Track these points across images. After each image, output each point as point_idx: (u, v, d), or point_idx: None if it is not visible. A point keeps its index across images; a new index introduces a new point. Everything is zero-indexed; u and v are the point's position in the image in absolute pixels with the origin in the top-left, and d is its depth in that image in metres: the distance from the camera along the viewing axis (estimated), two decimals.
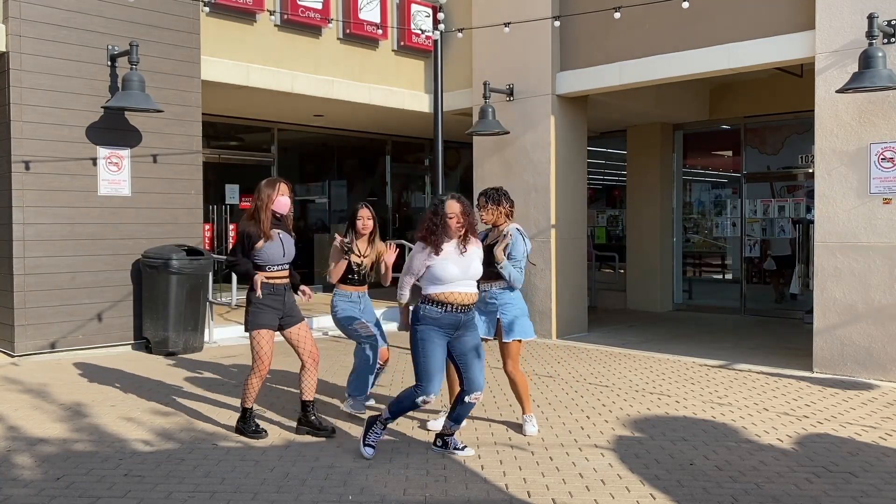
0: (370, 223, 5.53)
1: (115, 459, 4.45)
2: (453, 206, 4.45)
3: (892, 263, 6.64)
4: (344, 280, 5.54)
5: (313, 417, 4.99)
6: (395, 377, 6.90)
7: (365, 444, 4.51)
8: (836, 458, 4.56)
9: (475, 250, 4.57)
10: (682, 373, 7.10)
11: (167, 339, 7.82)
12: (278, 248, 4.88)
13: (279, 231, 4.92)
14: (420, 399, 4.38)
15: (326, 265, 5.66)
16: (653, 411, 5.64)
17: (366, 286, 5.63)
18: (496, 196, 5.12)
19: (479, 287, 4.80)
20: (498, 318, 5.04)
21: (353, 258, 5.48)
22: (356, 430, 5.09)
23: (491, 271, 4.91)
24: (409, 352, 5.51)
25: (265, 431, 4.94)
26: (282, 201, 4.91)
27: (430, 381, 4.36)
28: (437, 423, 5.11)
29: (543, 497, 3.91)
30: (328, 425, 5.01)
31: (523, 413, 5.14)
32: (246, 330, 4.90)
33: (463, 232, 4.48)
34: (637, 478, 4.20)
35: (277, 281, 4.90)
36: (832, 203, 6.97)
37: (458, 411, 4.58)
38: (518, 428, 5.18)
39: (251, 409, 4.99)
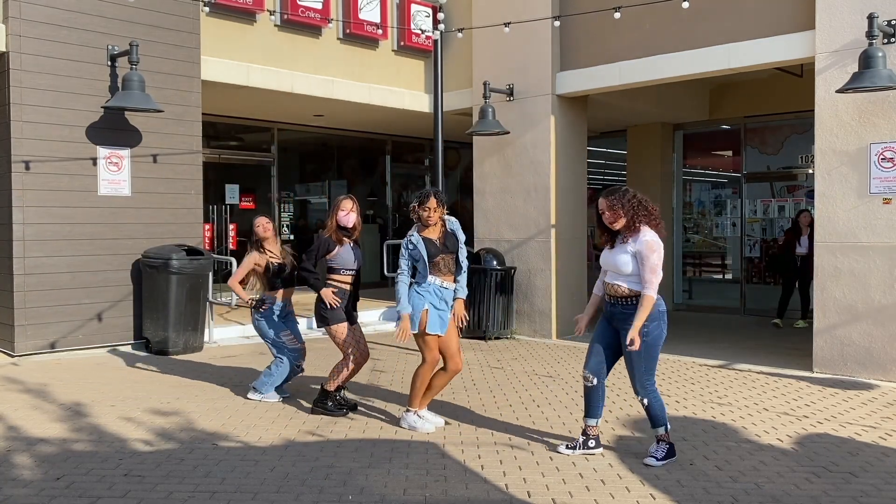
0: (270, 226, 5.95)
1: (114, 459, 4.45)
2: (601, 203, 4.51)
3: (892, 263, 6.64)
4: (272, 286, 5.91)
5: (331, 403, 5.54)
6: (395, 377, 6.90)
7: (570, 447, 4.65)
8: (836, 458, 4.56)
9: (620, 248, 4.50)
10: (682, 373, 7.10)
11: (167, 339, 7.81)
12: (349, 254, 5.49)
13: (349, 242, 5.53)
14: (582, 376, 4.66)
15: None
16: None
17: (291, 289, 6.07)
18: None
19: (437, 282, 4.97)
20: (452, 315, 5.11)
21: (281, 260, 5.93)
22: (356, 431, 5.10)
23: (448, 264, 5.05)
24: (410, 352, 5.51)
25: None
26: (341, 217, 5.44)
27: (586, 360, 4.67)
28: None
29: (543, 497, 3.91)
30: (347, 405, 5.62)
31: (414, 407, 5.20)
32: (319, 326, 5.58)
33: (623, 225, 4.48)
34: (637, 478, 4.20)
35: (346, 286, 5.54)
36: (832, 203, 6.97)
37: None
38: (517, 429, 5.18)
39: (332, 392, 5.57)
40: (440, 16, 8.20)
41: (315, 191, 14.23)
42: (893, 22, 6.52)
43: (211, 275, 8.29)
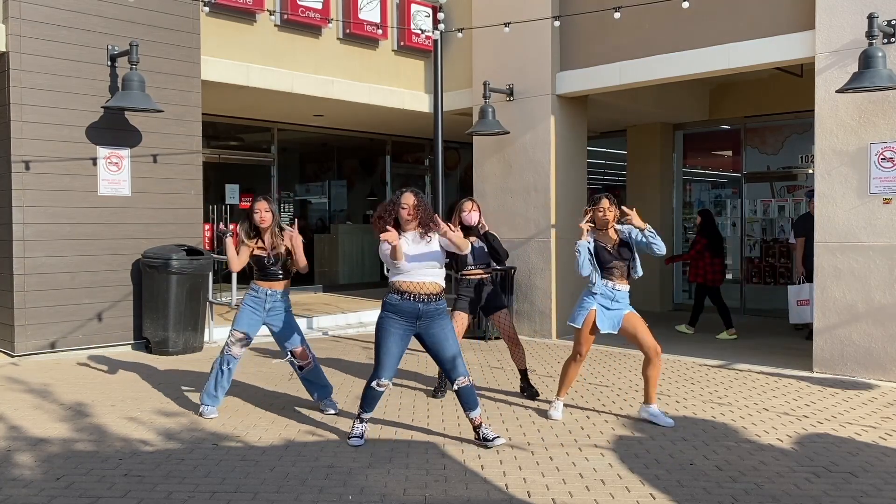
0: (268, 216, 5.52)
1: (115, 459, 4.45)
2: (408, 199, 4.74)
3: (892, 263, 6.64)
4: (258, 276, 5.53)
5: (523, 384, 6.15)
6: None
7: (350, 436, 4.83)
8: (836, 458, 4.56)
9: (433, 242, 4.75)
10: (682, 373, 7.10)
11: (167, 339, 7.82)
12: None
13: (472, 238, 5.93)
14: (374, 383, 4.72)
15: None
16: None
17: (279, 283, 5.50)
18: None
19: (609, 285, 5.21)
20: (627, 313, 5.26)
21: (258, 251, 5.47)
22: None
23: (622, 269, 5.24)
24: (410, 352, 5.50)
25: None
26: (465, 217, 6.03)
27: (380, 367, 4.71)
28: (556, 413, 5.45)
29: (543, 497, 3.91)
30: (535, 392, 6.11)
31: (650, 403, 5.37)
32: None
33: (416, 224, 4.74)
34: (637, 478, 4.20)
35: (472, 276, 6.09)
36: (832, 203, 6.96)
37: (459, 400, 4.82)
38: (517, 429, 5.19)
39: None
40: (440, 16, 8.19)
41: (315, 191, 14.24)
42: (893, 22, 6.52)
43: (211, 275, 8.29)
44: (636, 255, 5.30)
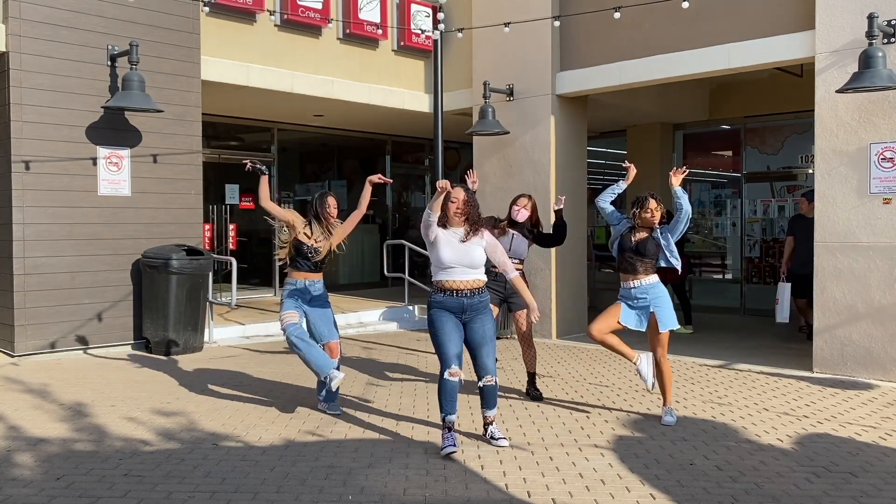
0: (336, 212, 5.63)
1: (115, 459, 4.45)
2: (458, 193, 4.73)
3: (892, 263, 6.64)
4: (293, 265, 5.53)
5: (529, 387, 6.12)
6: (395, 376, 6.89)
7: (443, 448, 4.55)
8: (836, 458, 4.56)
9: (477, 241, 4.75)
10: (682, 373, 7.10)
11: (167, 339, 7.81)
12: (505, 243, 5.84)
13: (514, 232, 6.09)
14: (445, 374, 4.57)
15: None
16: (653, 411, 5.64)
17: (315, 274, 5.54)
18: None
19: (630, 281, 5.21)
20: (652, 312, 5.22)
21: (305, 240, 5.48)
22: (356, 431, 5.10)
23: (645, 266, 5.21)
24: (410, 351, 5.50)
25: None
26: (514, 211, 6.16)
27: (446, 356, 4.60)
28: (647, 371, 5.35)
29: (543, 497, 3.91)
30: (539, 395, 6.06)
31: (664, 404, 5.37)
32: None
33: (464, 220, 4.73)
34: (637, 478, 4.20)
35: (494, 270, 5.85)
36: (832, 203, 6.96)
37: (481, 397, 4.83)
38: (517, 429, 5.19)
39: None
40: (440, 16, 8.19)
41: (315, 191, 14.21)
42: (893, 22, 6.52)
43: (211, 275, 8.29)
44: (663, 254, 5.23)
